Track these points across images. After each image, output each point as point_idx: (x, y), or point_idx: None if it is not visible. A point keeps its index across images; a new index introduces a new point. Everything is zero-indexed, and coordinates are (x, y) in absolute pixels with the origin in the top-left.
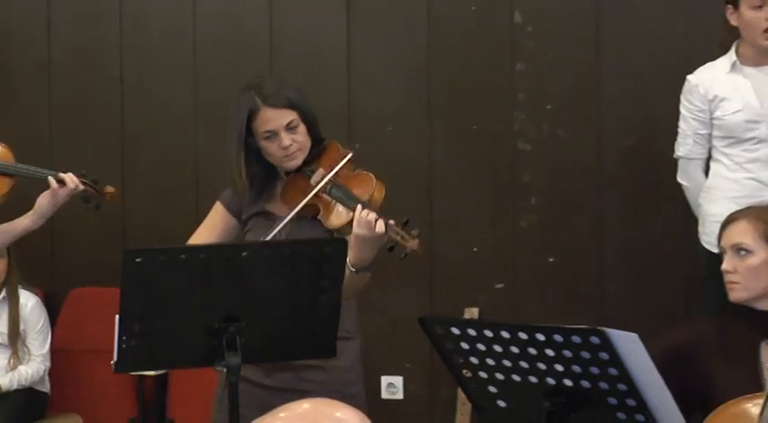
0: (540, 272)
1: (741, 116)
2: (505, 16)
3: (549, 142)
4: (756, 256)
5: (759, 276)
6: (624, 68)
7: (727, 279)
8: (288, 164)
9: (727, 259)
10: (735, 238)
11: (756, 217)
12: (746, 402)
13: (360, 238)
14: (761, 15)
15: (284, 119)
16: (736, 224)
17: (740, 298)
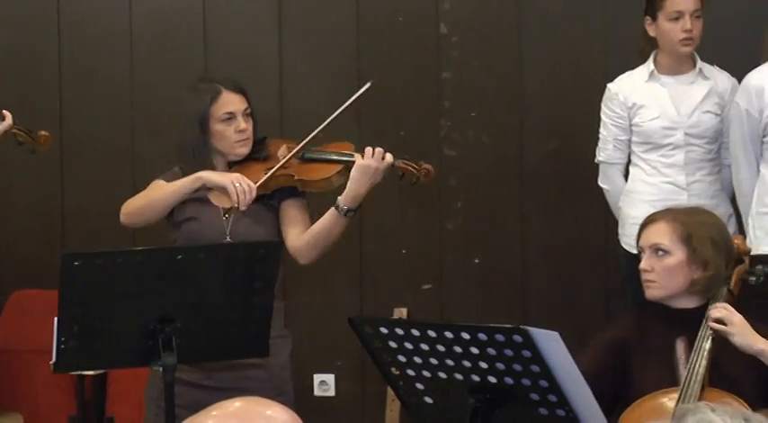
0: (465, 273)
1: (658, 123)
2: (432, 27)
3: (474, 148)
4: (673, 257)
5: (675, 276)
6: (545, 77)
7: (645, 278)
8: (239, 149)
9: (645, 259)
10: (653, 239)
11: (674, 219)
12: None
13: (365, 170)
14: (677, 26)
15: (242, 104)
16: (655, 225)
17: (656, 296)
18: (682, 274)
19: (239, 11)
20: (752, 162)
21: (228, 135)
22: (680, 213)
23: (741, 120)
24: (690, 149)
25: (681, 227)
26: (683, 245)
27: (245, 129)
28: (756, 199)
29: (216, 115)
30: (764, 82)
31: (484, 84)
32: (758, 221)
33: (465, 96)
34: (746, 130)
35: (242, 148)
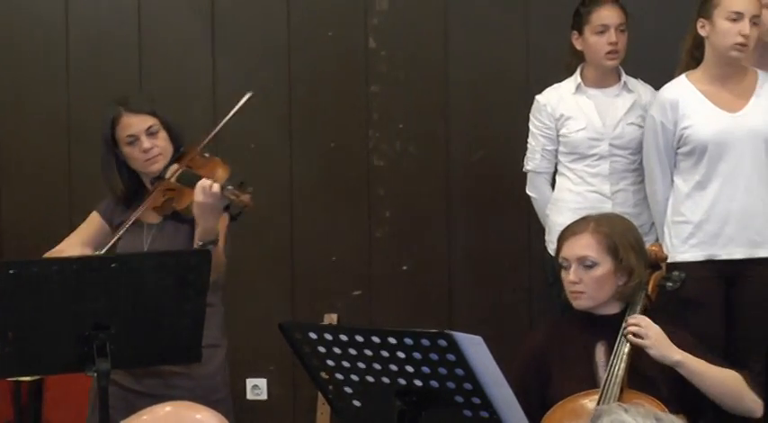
0: (394, 280)
1: (584, 134)
2: (360, 41)
3: (402, 158)
4: (601, 268)
5: (603, 286)
6: (470, 89)
7: (573, 289)
8: (150, 168)
9: (573, 270)
10: (580, 252)
11: (596, 230)
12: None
13: (200, 205)
14: (603, 40)
15: (144, 123)
16: (580, 237)
17: (585, 306)
18: (609, 283)
19: (173, 28)
20: (666, 173)
21: (136, 156)
22: (601, 223)
23: (656, 132)
24: (614, 160)
25: (606, 238)
26: (610, 255)
27: (149, 149)
28: (671, 208)
29: (120, 139)
30: (678, 95)
31: (411, 96)
32: (674, 230)
33: (393, 108)
34: (661, 142)
35: (153, 166)
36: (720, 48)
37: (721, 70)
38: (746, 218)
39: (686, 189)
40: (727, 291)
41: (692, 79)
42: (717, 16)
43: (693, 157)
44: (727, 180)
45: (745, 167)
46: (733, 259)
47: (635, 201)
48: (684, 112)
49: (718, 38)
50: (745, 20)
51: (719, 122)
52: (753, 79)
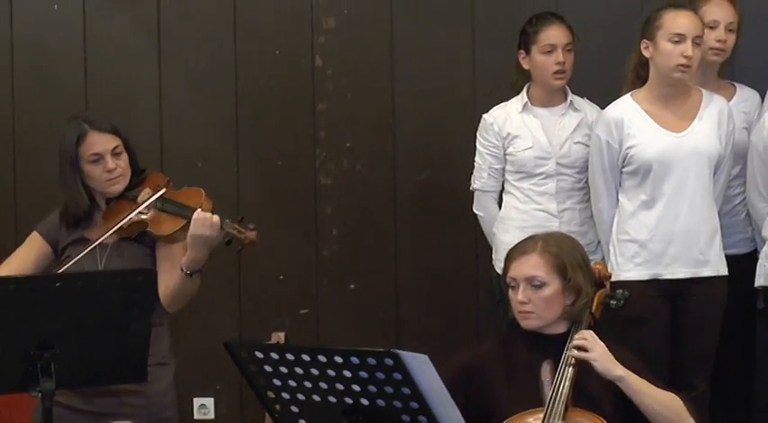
0: (341, 298)
1: (531, 153)
2: (307, 60)
3: (349, 177)
4: (550, 288)
5: (552, 306)
6: (417, 107)
7: (522, 309)
8: (111, 188)
9: (522, 290)
10: (529, 272)
11: (544, 249)
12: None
13: (197, 236)
14: (550, 59)
15: (110, 143)
16: (528, 257)
17: (533, 326)
18: (557, 303)
19: (119, 44)
20: (611, 191)
21: (98, 175)
22: (548, 243)
23: (601, 150)
24: (561, 178)
25: (554, 258)
26: (558, 275)
27: (113, 169)
28: (617, 227)
29: (84, 156)
30: (623, 114)
31: (358, 114)
32: (619, 248)
33: (340, 127)
34: (606, 161)
35: (113, 186)
36: (664, 69)
37: (665, 90)
38: (690, 237)
39: (631, 208)
40: (672, 309)
41: (636, 99)
42: (660, 38)
43: (638, 176)
44: (672, 200)
45: (689, 187)
46: (677, 279)
47: (581, 219)
48: (629, 131)
49: (661, 59)
50: (687, 41)
51: (664, 142)
52: (697, 99)
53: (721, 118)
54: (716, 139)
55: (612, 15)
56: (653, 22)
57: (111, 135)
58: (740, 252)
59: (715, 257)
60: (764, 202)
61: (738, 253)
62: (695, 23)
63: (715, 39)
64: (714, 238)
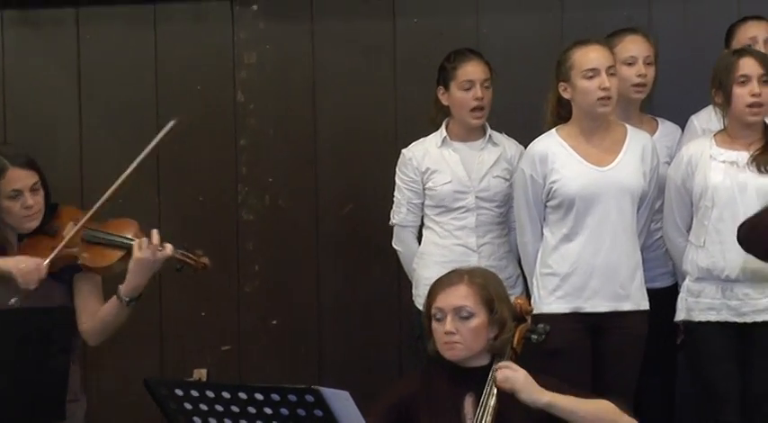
0: (264, 334)
1: (450, 187)
2: (229, 95)
3: (271, 212)
4: (477, 319)
5: (478, 337)
6: (339, 142)
7: (448, 340)
8: (28, 224)
9: (449, 321)
10: (457, 302)
11: (471, 281)
12: None
13: (142, 263)
14: (469, 95)
15: (30, 179)
16: (456, 288)
17: (459, 357)
18: (482, 335)
19: (39, 80)
20: (536, 225)
21: (15, 211)
22: (474, 276)
23: (525, 185)
24: (480, 213)
25: (482, 290)
26: (485, 307)
27: (32, 205)
28: (540, 260)
29: (2, 192)
30: (548, 148)
31: (280, 150)
32: (541, 282)
33: (262, 162)
34: (530, 195)
35: (30, 222)
36: (586, 106)
37: (589, 125)
38: (611, 271)
39: (554, 241)
40: (593, 342)
41: (561, 134)
42: (575, 77)
43: (561, 210)
44: (594, 234)
45: (611, 221)
46: (597, 312)
47: (501, 254)
48: (553, 166)
49: (581, 97)
50: (602, 73)
51: (587, 176)
52: (622, 134)
53: (645, 153)
54: (639, 174)
55: (532, 51)
56: (564, 63)
57: (31, 171)
58: (661, 286)
59: (636, 292)
60: (682, 236)
61: (659, 287)
62: (605, 55)
63: (636, 74)
64: (635, 273)
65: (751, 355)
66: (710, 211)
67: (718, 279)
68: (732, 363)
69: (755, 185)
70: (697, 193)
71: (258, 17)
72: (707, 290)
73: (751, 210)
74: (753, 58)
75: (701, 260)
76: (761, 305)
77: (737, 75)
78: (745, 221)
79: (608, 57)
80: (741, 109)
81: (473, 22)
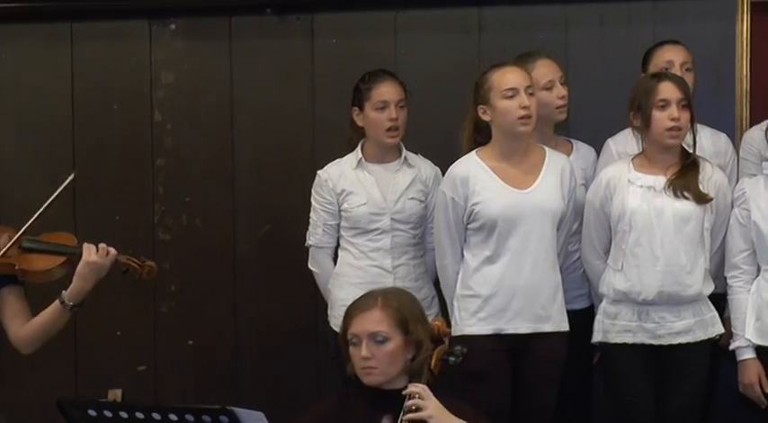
0: (179, 354)
1: (366, 209)
2: (146, 115)
3: (188, 232)
4: (392, 343)
5: (395, 361)
6: (256, 162)
7: (365, 365)
8: None
9: (365, 347)
10: (371, 328)
11: (385, 305)
12: None
13: (92, 266)
14: (383, 116)
15: None
16: (370, 313)
17: (377, 382)
18: (399, 358)
19: None
20: (456, 247)
21: None
22: (388, 299)
23: (446, 207)
24: (395, 234)
25: (395, 313)
26: (400, 330)
27: None
28: (460, 282)
29: None
30: (469, 171)
31: (197, 169)
32: (462, 303)
33: (178, 182)
34: (451, 217)
35: None
36: (506, 126)
37: (509, 147)
38: (533, 293)
39: (475, 263)
40: (514, 363)
41: (481, 156)
42: (494, 98)
43: (483, 232)
44: (516, 255)
45: (532, 243)
46: (519, 334)
47: (416, 275)
48: (474, 188)
49: (501, 118)
50: (521, 93)
51: (508, 199)
52: (540, 156)
53: (564, 175)
54: (559, 195)
55: (450, 72)
56: (483, 86)
57: None
58: (578, 308)
59: (556, 313)
60: (599, 258)
61: (576, 308)
62: (523, 76)
63: (557, 97)
64: (556, 294)
65: (666, 377)
66: (628, 234)
67: (635, 302)
68: (647, 384)
69: (672, 210)
70: (615, 216)
71: (176, 36)
72: (623, 312)
73: (668, 234)
74: (672, 83)
75: (618, 283)
76: (676, 328)
77: (657, 99)
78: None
79: (526, 77)
80: (660, 132)
81: (391, 42)
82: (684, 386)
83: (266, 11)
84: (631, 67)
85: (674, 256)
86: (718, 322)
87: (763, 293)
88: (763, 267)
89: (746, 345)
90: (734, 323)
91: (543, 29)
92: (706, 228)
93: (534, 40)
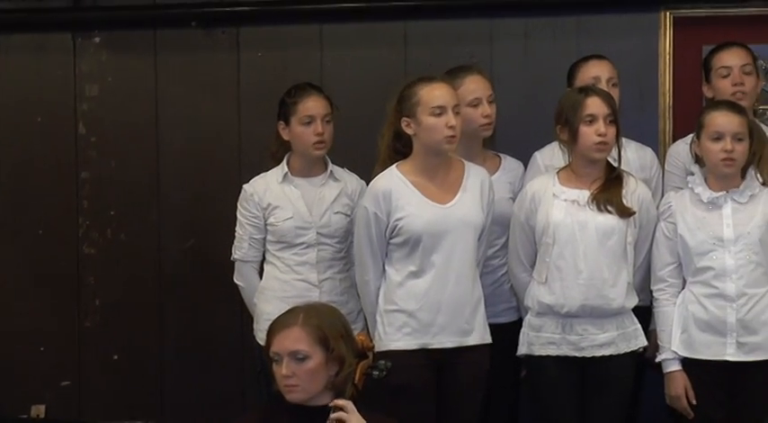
0: (104, 369)
1: (292, 223)
2: (70, 127)
3: (113, 246)
4: (313, 360)
5: (316, 378)
6: (182, 176)
7: (286, 383)
8: None
9: (285, 365)
10: (291, 346)
11: (306, 322)
12: None
13: None
14: (309, 130)
15: None
16: (290, 331)
17: (299, 399)
18: (321, 374)
19: None
20: (378, 263)
21: None
22: (309, 316)
23: (368, 222)
24: (321, 248)
25: (316, 330)
26: (321, 346)
27: None
28: (384, 297)
29: None
30: (391, 186)
31: (122, 183)
32: (387, 319)
33: (103, 195)
34: (374, 232)
35: None
36: (430, 142)
37: (430, 162)
38: (457, 307)
39: (399, 278)
40: (438, 377)
41: (402, 170)
42: (421, 114)
43: (407, 247)
44: (440, 270)
45: (456, 258)
46: (444, 348)
47: (342, 289)
48: (397, 203)
49: (426, 134)
50: (449, 111)
51: (431, 214)
52: (460, 171)
53: (483, 188)
54: (479, 209)
55: (376, 86)
56: (410, 99)
57: None
58: (505, 321)
59: (479, 326)
60: (525, 271)
61: (504, 322)
62: (452, 94)
63: (482, 115)
64: (479, 307)
65: (590, 390)
66: (552, 248)
67: (559, 315)
68: (571, 397)
69: (595, 224)
70: (539, 229)
71: (100, 49)
72: (547, 325)
73: (591, 248)
74: (599, 98)
75: (542, 296)
76: (599, 340)
77: (585, 114)
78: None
79: (454, 95)
80: (588, 147)
81: (317, 56)
82: (608, 398)
83: (191, 24)
84: (556, 80)
85: (597, 270)
86: (642, 335)
87: (689, 306)
88: (688, 280)
89: (673, 357)
90: (660, 336)
91: (469, 42)
92: (629, 242)
93: (460, 53)
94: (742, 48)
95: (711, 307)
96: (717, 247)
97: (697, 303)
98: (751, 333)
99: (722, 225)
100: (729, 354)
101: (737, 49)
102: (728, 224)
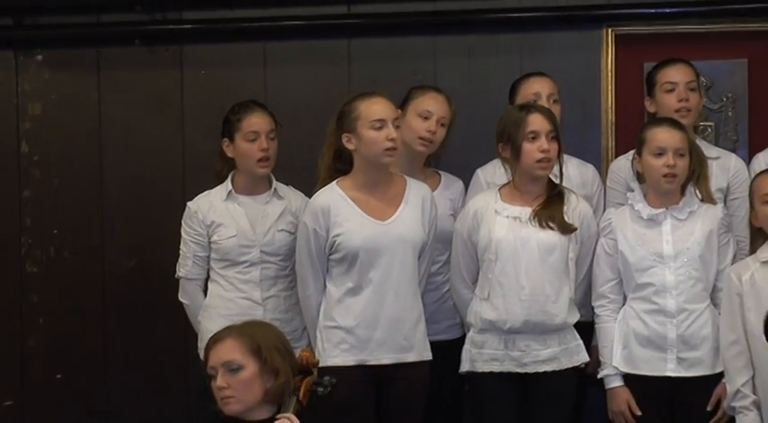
0: (48, 388)
1: (235, 241)
2: (12, 145)
3: (56, 264)
4: (246, 370)
5: (251, 388)
6: (125, 195)
7: (222, 395)
8: None
9: (220, 376)
10: (224, 357)
11: (240, 333)
12: None
13: None
14: (254, 147)
15: None
16: (223, 343)
17: (236, 411)
18: (256, 385)
19: None
20: (318, 278)
21: None
22: (244, 327)
23: (308, 238)
24: (265, 266)
25: (248, 340)
26: (254, 357)
27: None
28: (323, 313)
29: None
30: (330, 201)
31: (65, 201)
32: (326, 334)
33: (46, 214)
34: (313, 248)
35: None
36: (371, 156)
37: (371, 177)
38: (396, 323)
39: (338, 294)
40: (378, 393)
41: (342, 186)
42: (361, 128)
43: (345, 263)
44: (378, 287)
45: (394, 274)
46: (382, 364)
47: (286, 306)
48: (336, 219)
49: (366, 148)
50: (388, 125)
51: (370, 230)
52: (401, 186)
53: (425, 204)
54: (420, 225)
55: (319, 103)
56: (349, 114)
57: None
58: (449, 338)
59: (419, 343)
60: (468, 288)
61: (447, 339)
62: (391, 107)
63: (426, 129)
64: (418, 324)
65: (533, 405)
66: (494, 264)
67: (501, 331)
68: (514, 413)
69: (537, 240)
70: (482, 246)
71: (43, 67)
72: (490, 341)
73: (533, 264)
74: (541, 115)
75: (485, 312)
76: (542, 356)
77: (527, 131)
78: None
79: (393, 109)
80: (530, 164)
81: (260, 73)
82: (551, 414)
83: (135, 42)
84: (499, 97)
85: (539, 286)
86: (584, 350)
87: (629, 322)
88: (629, 296)
89: (614, 373)
90: (602, 352)
91: (412, 59)
92: (570, 258)
93: (404, 71)
94: (687, 65)
95: (652, 323)
96: (657, 263)
97: (637, 319)
98: (691, 348)
99: (662, 241)
100: (670, 369)
101: (683, 65)
102: (668, 240)
